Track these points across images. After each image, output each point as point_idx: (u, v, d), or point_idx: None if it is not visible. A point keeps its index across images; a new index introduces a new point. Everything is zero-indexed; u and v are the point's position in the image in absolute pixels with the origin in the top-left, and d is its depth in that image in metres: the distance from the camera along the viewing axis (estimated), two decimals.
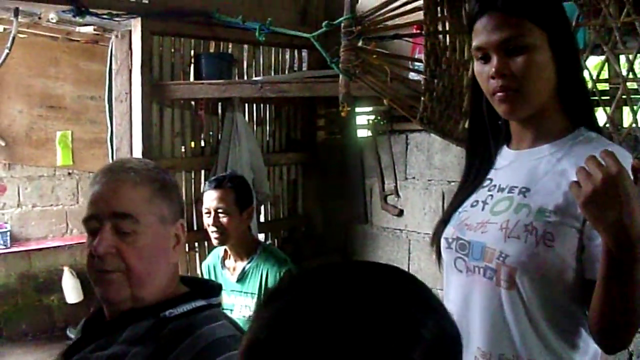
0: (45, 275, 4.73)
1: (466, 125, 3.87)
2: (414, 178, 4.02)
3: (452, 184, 3.73)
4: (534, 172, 1.30)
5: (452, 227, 1.38)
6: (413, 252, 4.07)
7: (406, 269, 4.09)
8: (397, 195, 4.09)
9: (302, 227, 4.34)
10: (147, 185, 1.20)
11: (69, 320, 4.63)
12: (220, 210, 2.58)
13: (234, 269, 2.71)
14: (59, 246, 4.65)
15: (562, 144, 1.29)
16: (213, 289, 1.31)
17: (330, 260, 4.33)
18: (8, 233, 4.47)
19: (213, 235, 2.61)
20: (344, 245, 4.36)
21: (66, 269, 4.65)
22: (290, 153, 4.24)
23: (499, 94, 1.26)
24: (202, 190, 2.78)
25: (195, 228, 3.70)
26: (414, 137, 4.05)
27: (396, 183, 4.11)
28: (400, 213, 4.08)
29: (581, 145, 1.27)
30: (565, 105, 1.31)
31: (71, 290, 4.64)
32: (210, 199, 2.61)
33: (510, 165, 1.36)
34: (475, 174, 1.43)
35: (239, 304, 2.63)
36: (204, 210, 2.63)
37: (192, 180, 3.81)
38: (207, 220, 2.62)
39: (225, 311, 1.38)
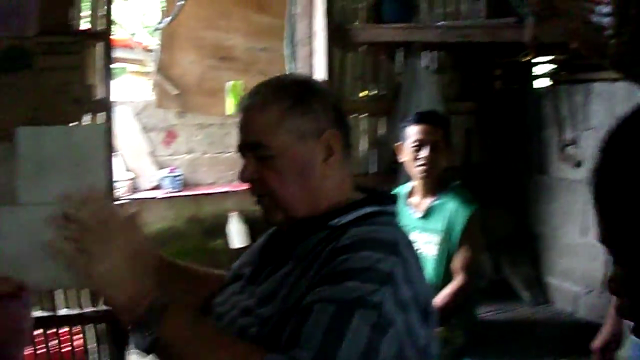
0: (212, 219, 4.92)
1: None
2: (594, 128, 3.93)
3: None
4: None
5: None
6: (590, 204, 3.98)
7: (581, 222, 4.01)
8: (576, 146, 4.01)
9: (476, 176, 4.32)
10: (275, 106, 1.14)
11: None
12: (436, 144, 2.58)
13: (419, 206, 2.70)
14: (226, 192, 4.81)
15: None
16: (388, 195, 1.25)
17: (504, 212, 4.30)
18: (180, 177, 4.67)
19: (422, 168, 2.58)
20: (518, 195, 4.31)
21: (233, 215, 4.81)
22: (467, 102, 4.23)
23: None
24: (402, 125, 2.78)
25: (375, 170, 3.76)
26: (595, 87, 3.95)
27: (575, 133, 4.03)
28: (579, 164, 4.00)
29: None
30: None
31: (236, 235, 4.79)
32: (426, 132, 2.59)
33: None
34: None
35: (422, 241, 2.60)
36: (413, 144, 2.59)
37: (371, 124, 3.87)
38: (413, 154, 2.61)
39: None
